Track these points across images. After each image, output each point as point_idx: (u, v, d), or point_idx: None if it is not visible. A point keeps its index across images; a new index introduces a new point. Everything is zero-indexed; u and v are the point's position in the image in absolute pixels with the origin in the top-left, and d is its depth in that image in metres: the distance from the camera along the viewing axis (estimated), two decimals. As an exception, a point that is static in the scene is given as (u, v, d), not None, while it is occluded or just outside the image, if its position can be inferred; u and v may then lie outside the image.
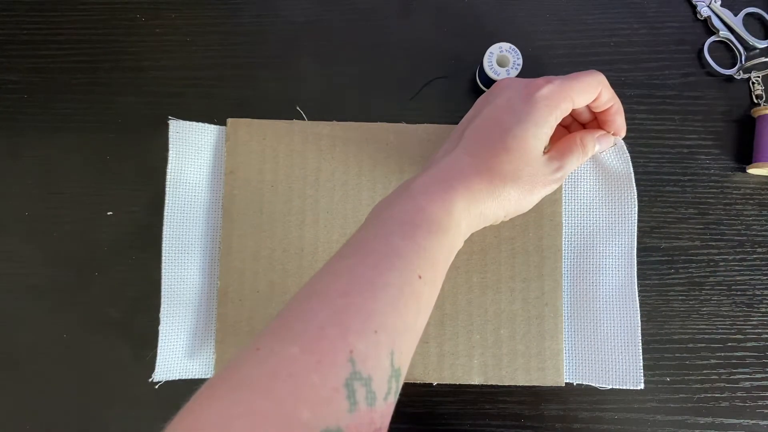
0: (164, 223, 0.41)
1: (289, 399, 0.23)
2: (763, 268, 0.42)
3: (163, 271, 0.40)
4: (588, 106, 0.37)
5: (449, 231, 0.31)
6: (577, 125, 0.40)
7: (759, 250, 0.42)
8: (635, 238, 0.41)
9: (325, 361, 0.25)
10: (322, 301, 0.27)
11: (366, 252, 0.29)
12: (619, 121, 0.37)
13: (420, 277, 0.29)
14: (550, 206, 0.41)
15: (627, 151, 0.41)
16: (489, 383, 0.40)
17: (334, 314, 0.26)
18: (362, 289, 0.27)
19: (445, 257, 0.31)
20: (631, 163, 0.41)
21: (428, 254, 0.30)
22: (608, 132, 0.38)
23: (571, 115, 0.38)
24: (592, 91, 0.34)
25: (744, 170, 0.43)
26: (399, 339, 0.27)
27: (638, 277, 0.40)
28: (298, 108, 0.43)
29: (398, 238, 0.29)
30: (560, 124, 0.39)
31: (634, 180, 0.41)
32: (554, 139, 0.37)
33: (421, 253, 0.29)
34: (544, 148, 0.34)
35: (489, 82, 0.41)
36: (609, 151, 0.41)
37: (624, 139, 0.39)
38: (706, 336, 0.41)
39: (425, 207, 0.30)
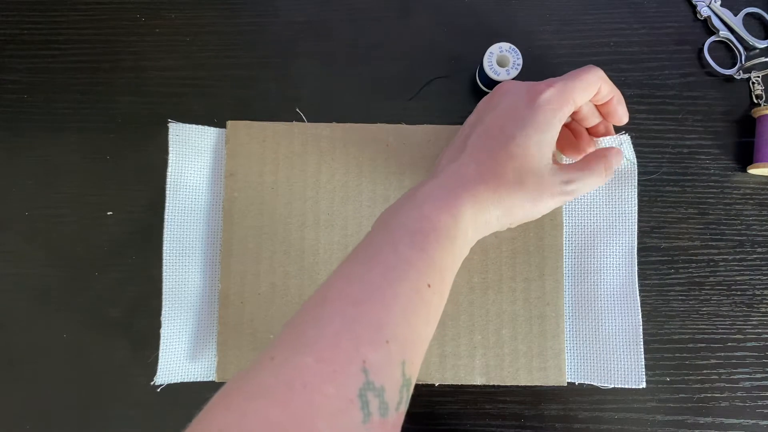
0: (165, 226, 0.41)
1: (306, 410, 0.23)
2: (763, 268, 0.42)
3: (164, 274, 0.40)
4: (594, 105, 0.37)
5: (456, 239, 0.31)
6: (577, 124, 0.40)
7: (759, 250, 0.42)
8: (636, 238, 0.41)
9: (340, 371, 0.25)
10: (335, 309, 0.27)
11: (375, 260, 0.29)
12: (621, 111, 0.37)
13: (429, 286, 0.29)
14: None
15: (633, 151, 0.41)
16: (491, 384, 0.40)
17: (347, 324, 0.26)
18: (373, 298, 0.27)
19: (452, 265, 0.31)
20: (636, 163, 0.41)
21: (436, 263, 0.30)
22: (611, 121, 0.38)
23: (572, 115, 0.38)
24: (592, 88, 0.34)
25: (744, 170, 0.43)
26: (409, 348, 0.28)
27: (638, 276, 0.40)
28: (297, 110, 0.43)
29: (407, 247, 0.29)
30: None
31: (636, 180, 0.41)
32: (558, 140, 0.37)
33: (430, 263, 0.29)
34: (552, 153, 0.34)
35: (489, 82, 0.41)
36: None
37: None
38: (706, 336, 0.41)
39: (432, 215, 0.30)
